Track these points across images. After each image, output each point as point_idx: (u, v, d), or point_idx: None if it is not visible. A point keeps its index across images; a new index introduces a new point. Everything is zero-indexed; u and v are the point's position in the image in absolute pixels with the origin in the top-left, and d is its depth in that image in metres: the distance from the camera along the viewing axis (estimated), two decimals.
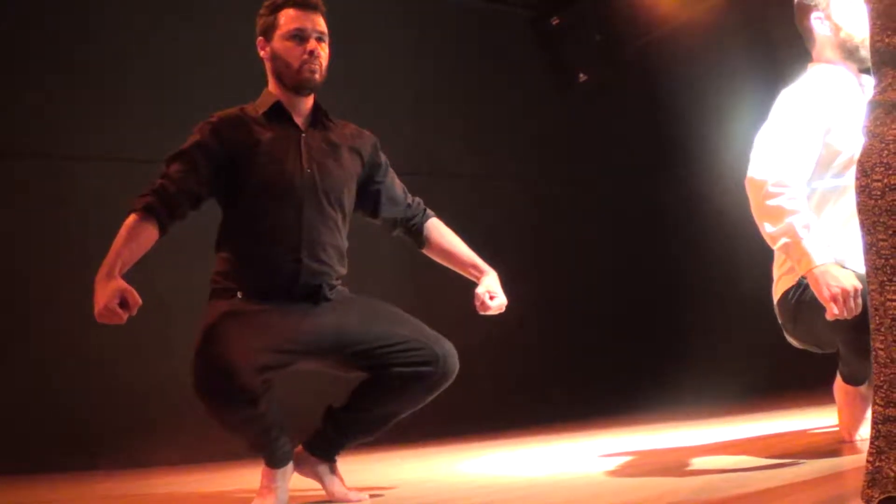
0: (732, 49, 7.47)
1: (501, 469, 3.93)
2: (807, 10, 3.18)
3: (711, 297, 7.60)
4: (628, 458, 3.67)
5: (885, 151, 1.80)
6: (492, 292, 3.14)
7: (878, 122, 1.84)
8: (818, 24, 3.15)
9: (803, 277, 2.91)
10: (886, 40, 1.84)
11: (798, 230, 2.85)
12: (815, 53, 3.21)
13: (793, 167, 2.95)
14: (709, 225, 6.72)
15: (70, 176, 5.19)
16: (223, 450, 4.05)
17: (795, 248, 2.87)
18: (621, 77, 7.89)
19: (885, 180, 1.79)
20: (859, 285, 2.74)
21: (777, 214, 2.90)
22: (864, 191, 1.84)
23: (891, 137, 1.80)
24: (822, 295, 2.79)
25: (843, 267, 2.94)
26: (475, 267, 3.25)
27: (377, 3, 6.38)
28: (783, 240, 2.89)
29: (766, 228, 2.93)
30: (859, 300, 2.75)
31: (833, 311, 2.76)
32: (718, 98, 7.52)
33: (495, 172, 7.00)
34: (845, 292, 2.75)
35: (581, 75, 7.84)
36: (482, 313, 3.15)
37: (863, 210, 1.85)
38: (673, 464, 3.34)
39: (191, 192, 2.95)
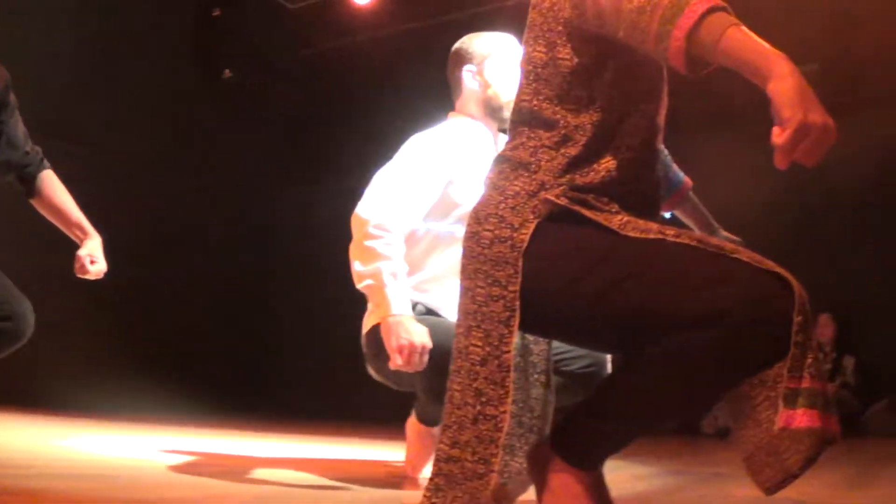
0: (389, 83, 7.67)
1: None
2: (461, 61, 3.23)
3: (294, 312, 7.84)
4: (192, 458, 3.59)
5: (503, 205, 1.87)
6: (93, 256, 3.07)
7: (503, 176, 1.91)
8: (468, 78, 3.21)
9: None
10: (535, 102, 1.92)
11: (384, 276, 2.88)
12: (458, 104, 3.28)
13: (398, 214, 2.97)
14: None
15: None
16: None
17: (377, 292, 2.89)
18: (269, 83, 7.90)
19: (497, 231, 1.86)
20: (429, 343, 2.81)
21: (369, 256, 2.91)
22: (473, 237, 1.90)
23: (511, 192, 1.88)
24: (390, 344, 2.82)
25: (437, 314, 3.03)
26: (81, 228, 3.15)
27: None
28: (368, 281, 2.90)
29: (356, 266, 2.94)
30: (425, 357, 2.80)
31: (396, 362, 2.82)
32: (356, 125, 7.69)
33: (119, 147, 6.85)
34: (412, 346, 2.79)
35: (227, 71, 7.78)
36: (80, 276, 3.08)
37: (468, 255, 1.91)
38: (235, 469, 3.29)
39: None
